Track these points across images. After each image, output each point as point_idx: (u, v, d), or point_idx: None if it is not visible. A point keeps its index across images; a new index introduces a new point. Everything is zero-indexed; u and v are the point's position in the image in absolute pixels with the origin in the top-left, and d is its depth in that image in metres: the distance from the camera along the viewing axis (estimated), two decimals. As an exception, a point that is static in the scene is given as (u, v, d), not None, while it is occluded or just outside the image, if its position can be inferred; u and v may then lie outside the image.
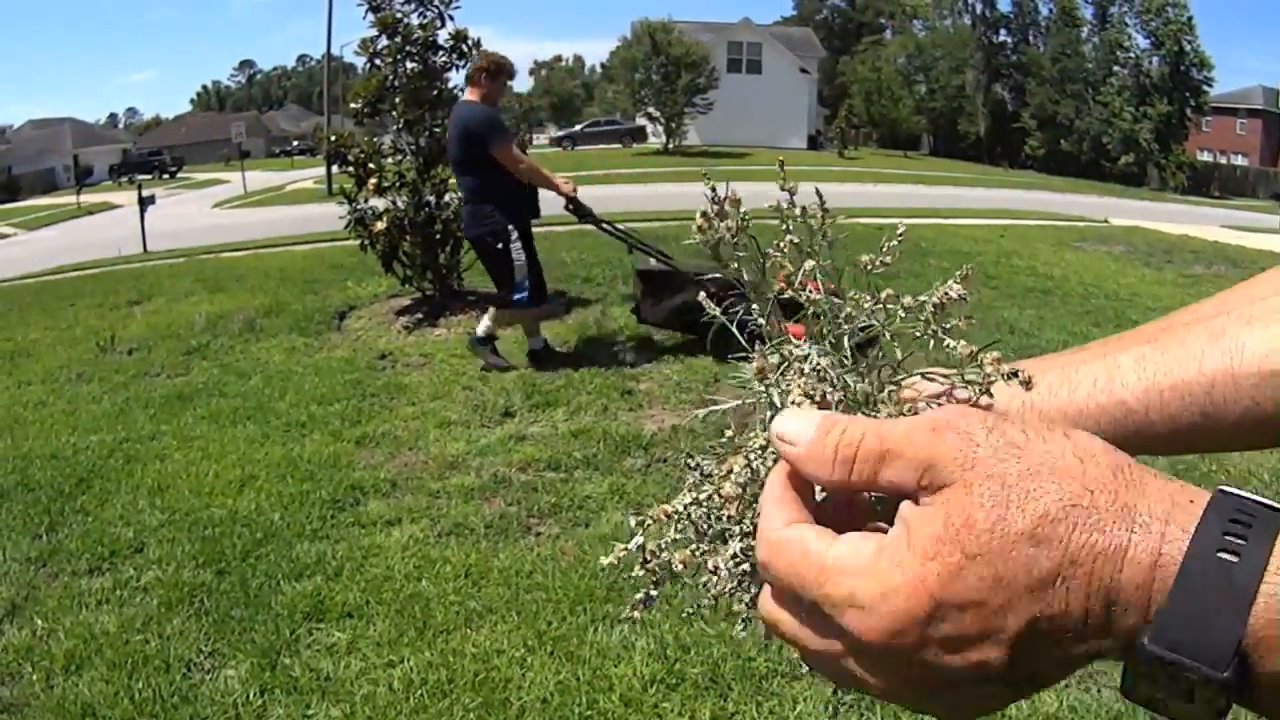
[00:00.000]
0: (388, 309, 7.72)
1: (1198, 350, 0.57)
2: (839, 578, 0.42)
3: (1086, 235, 14.64)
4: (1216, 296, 0.63)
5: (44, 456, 4.75)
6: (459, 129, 5.67)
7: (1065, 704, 2.55)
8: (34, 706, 2.66)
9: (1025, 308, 7.93)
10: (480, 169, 5.56)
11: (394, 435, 4.84)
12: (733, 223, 0.62)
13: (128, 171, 49.82)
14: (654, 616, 3.01)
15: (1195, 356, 0.57)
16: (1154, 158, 50.12)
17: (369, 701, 2.63)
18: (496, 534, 3.69)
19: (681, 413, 5.00)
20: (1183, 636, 0.36)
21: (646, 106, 42.00)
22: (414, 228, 7.22)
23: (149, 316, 8.54)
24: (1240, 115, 56.41)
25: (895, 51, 61.07)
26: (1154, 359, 0.59)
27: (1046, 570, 0.38)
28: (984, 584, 0.39)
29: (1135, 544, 0.37)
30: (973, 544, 0.39)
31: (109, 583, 3.39)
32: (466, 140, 5.58)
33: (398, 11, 7.24)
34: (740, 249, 0.62)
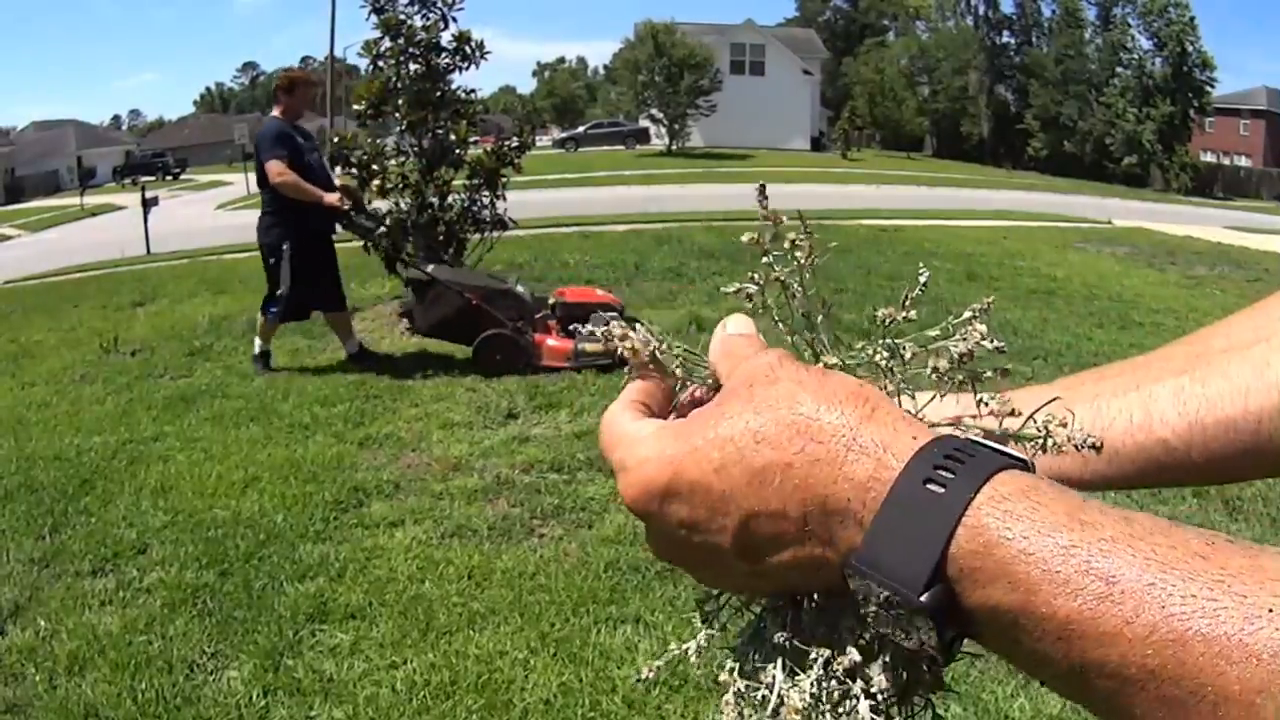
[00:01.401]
0: (391, 310, 7.73)
1: (1243, 385, 0.55)
2: (623, 445, 0.46)
3: (1090, 236, 14.63)
4: (1245, 314, 0.61)
5: (47, 457, 4.75)
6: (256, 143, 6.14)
7: (1069, 705, 2.55)
8: (37, 707, 2.66)
9: (1028, 309, 7.92)
10: (266, 183, 5.94)
11: (397, 437, 4.84)
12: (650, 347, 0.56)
13: (131, 173, 49.83)
14: (656, 618, 3.01)
15: (1241, 391, 0.55)
16: (1157, 159, 50.06)
17: (372, 703, 2.63)
18: (499, 535, 3.69)
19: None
20: (883, 557, 0.37)
21: (650, 108, 42.04)
22: (417, 229, 7.22)
23: (152, 318, 8.55)
24: (1243, 116, 56.28)
25: (898, 53, 61.08)
26: (1195, 394, 0.56)
27: (760, 466, 0.40)
28: (710, 468, 0.42)
29: (851, 461, 0.39)
30: (713, 434, 0.42)
31: (112, 584, 3.39)
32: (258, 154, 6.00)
33: (401, 13, 7.25)
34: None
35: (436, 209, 7.29)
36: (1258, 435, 0.54)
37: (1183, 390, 0.57)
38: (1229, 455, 0.55)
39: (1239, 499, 3.83)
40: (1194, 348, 0.60)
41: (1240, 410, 0.54)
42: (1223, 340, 0.59)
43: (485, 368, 5.84)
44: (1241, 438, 0.54)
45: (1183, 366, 0.58)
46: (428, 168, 7.30)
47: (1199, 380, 0.57)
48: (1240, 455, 0.55)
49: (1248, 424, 0.54)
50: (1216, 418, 0.55)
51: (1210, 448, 0.55)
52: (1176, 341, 0.63)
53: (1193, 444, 0.56)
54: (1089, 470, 0.58)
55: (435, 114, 7.33)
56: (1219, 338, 0.60)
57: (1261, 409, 0.54)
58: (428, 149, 7.33)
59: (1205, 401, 0.56)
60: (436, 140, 7.33)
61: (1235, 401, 0.55)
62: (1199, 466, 0.56)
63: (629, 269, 9.50)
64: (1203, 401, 0.56)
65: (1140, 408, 0.58)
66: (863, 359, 0.52)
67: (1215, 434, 0.55)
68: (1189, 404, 0.56)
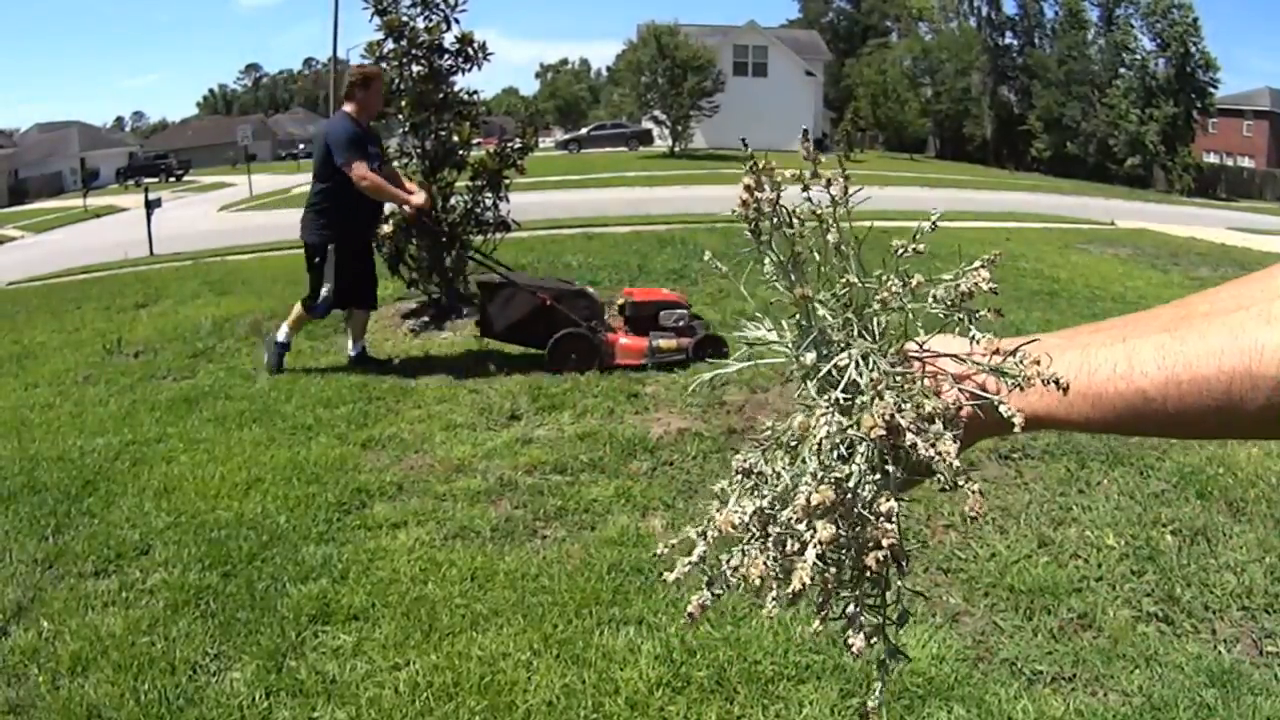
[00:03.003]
0: (394, 312, 7.73)
1: (1217, 346, 0.59)
2: None
3: (1092, 238, 14.62)
4: (1232, 284, 0.66)
5: (50, 459, 4.75)
6: (322, 137, 6.00)
7: (1072, 707, 2.55)
8: (40, 708, 2.66)
9: (1031, 310, 7.91)
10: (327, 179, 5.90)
11: (400, 438, 4.84)
12: (771, 194, 0.66)
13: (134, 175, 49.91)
14: (659, 619, 3.01)
15: (1215, 352, 0.59)
16: (1160, 160, 50.02)
17: (375, 704, 2.63)
18: (502, 537, 3.69)
19: (688, 416, 4.99)
20: None
21: (652, 109, 42.02)
22: (420, 231, 7.22)
23: (155, 319, 8.56)
24: (1247, 117, 56.21)
25: (901, 54, 61.02)
26: (1174, 350, 0.61)
27: None
28: None
29: None
30: None
31: (115, 585, 3.39)
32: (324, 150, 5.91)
33: (404, 15, 7.25)
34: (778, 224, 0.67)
35: (439, 210, 7.29)
36: (1229, 395, 0.58)
37: (1164, 346, 0.62)
38: (1201, 411, 0.60)
39: (1242, 500, 3.82)
40: (1179, 310, 0.65)
41: (1214, 370, 0.58)
42: (1206, 306, 0.64)
43: (560, 367, 5.87)
44: (1214, 396, 0.59)
45: (1166, 325, 0.63)
46: (431, 169, 7.30)
47: (1179, 338, 0.61)
48: (1212, 413, 0.59)
49: (1220, 383, 0.58)
50: (1192, 375, 0.59)
51: (1185, 402, 0.60)
52: (1167, 304, 0.68)
53: (1168, 397, 0.61)
54: (1075, 412, 0.65)
55: (438, 115, 7.34)
56: (1204, 303, 0.65)
57: (1234, 370, 0.58)
58: (430, 150, 7.33)
59: (1183, 358, 0.60)
60: (439, 142, 7.33)
61: (1210, 361, 0.59)
62: (1173, 419, 0.61)
63: (632, 270, 9.50)
64: (1180, 358, 0.60)
65: (1124, 358, 0.63)
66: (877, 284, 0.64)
67: (1189, 390, 0.60)
68: (1168, 359, 0.61)
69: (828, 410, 0.62)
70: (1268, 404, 0.57)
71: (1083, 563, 3.36)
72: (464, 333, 6.95)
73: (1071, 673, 2.71)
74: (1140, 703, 2.56)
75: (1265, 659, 2.79)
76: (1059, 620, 2.99)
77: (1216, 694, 2.58)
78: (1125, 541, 3.49)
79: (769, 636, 2.88)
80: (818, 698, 2.58)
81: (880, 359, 0.64)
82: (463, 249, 6.77)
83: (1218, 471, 4.09)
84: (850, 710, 2.54)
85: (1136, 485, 4.02)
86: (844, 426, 0.61)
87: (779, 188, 0.66)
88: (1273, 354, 0.56)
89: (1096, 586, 3.20)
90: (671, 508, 3.90)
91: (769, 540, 0.64)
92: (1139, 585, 3.21)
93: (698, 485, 4.13)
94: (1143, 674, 2.69)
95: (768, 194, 0.66)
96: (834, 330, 0.66)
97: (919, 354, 0.68)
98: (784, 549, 0.63)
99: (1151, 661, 2.75)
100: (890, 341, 0.65)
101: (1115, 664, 2.74)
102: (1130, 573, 3.29)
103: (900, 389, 0.63)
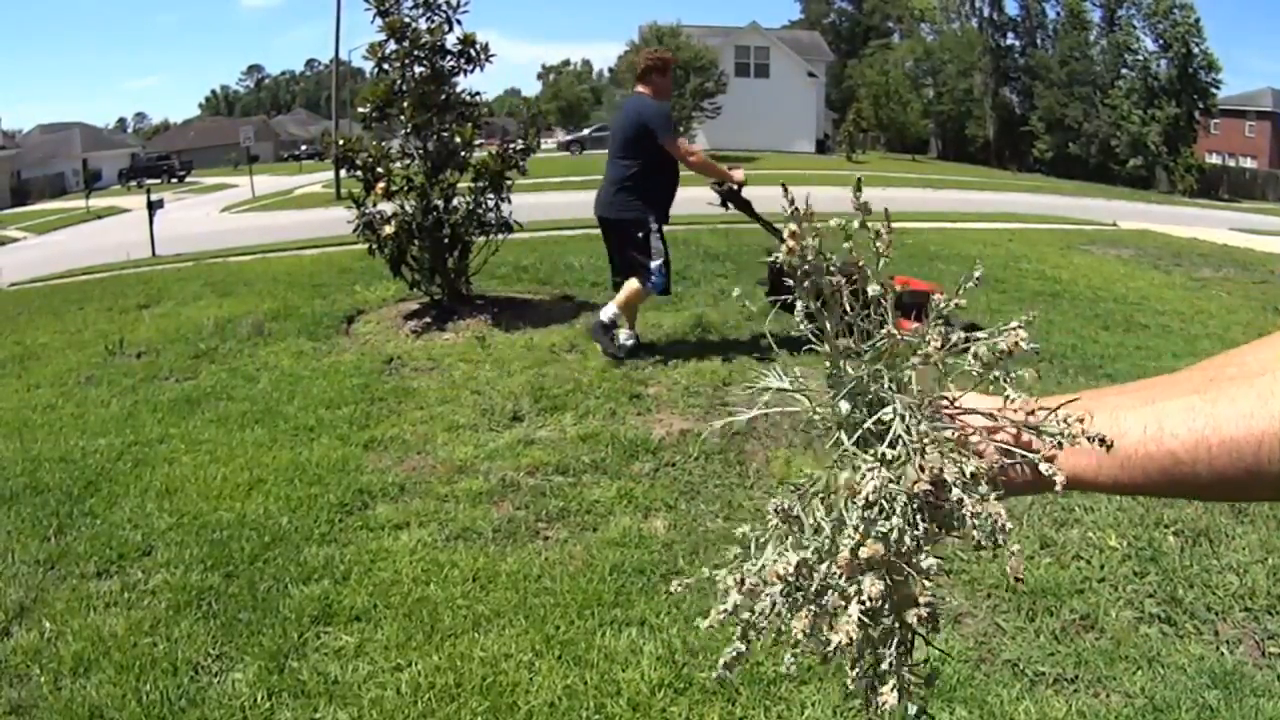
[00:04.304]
0: (396, 313, 7.73)
1: (1247, 410, 0.59)
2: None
3: (1095, 238, 14.60)
4: (1256, 345, 0.67)
5: (53, 459, 4.76)
6: (632, 118, 6.06)
7: (1074, 708, 2.54)
8: (42, 708, 2.67)
9: (1034, 311, 7.89)
10: (639, 158, 5.97)
11: (402, 439, 4.84)
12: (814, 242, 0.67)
13: (136, 176, 50.02)
14: (661, 621, 3.01)
15: (1245, 415, 0.59)
16: (1162, 160, 49.99)
17: (376, 705, 2.63)
18: (504, 538, 3.69)
19: (690, 417, 4.99)
20: None
21: (654, 110, 42.00)
22: (422, 232, 7.22)
23: (157, 320, 8.56)
24: (1249, 118, 56.16)
25: (903, 55, 61.03)
26: (1204, 412, 0.61)
27: None
28: None
29: None
30: None
31: (117, 585, 3.40)
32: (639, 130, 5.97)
33: (406, 16, 7.25)
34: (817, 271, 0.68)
35: (441, 212, 7.29)
36: (1258, 457, 0.59)
37: (1193, 409, 0.62)
38: (1232, 474, 0.60)
39: (1245, 502, 3.82)
40: (1207, 373, 0.65)
41: (1244, 432, 0.59)
42: (1234, 369, 0.64)
43: None
44: (1244, 458, 0.59)
45: (1195, 388, 0.63)
46: (433, 170, 7.31)
47: (1209, 400, 0.62)
48: (1243, 475, 0.60)
49: (1250, 445, 0.59)
50: (1221, 437, 0.60)
51: (1215, 465, 0.60)
52: (1192, 367, 0.68)
53: (1199, 459, 0.61)
54: (1104, 474, 0.65)
55: (440, 116, 7.34)
56: (1231, 366, 0.65)
57: (1264, 433, 0.58)
58: (433, 151, 7.33)
59: (1212, 420, 0.61)
60: (441, 143, 7.33)
61: (1239, 424, 0.59)
62: (1204, 481, 0.62)
63: (633, 271, 9.48)
64: (1210, 420, 0.61)
65: (1154, 420, 0.63)
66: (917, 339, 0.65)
67: (1219, 452, 0.60)
68: (1197, 421, 0.61)
69: (875, 465, 0.63)
70: None
71: (1085, 564, 3.36)
72: (466, 334, 6.94)
73: (1074, 674, 2.71)
74: (1142, 704, 2.55)
75: (1268, 660, 2.79)
76: (1061, 621, 2.99)
77: (1219, 695, 2.57)
78: (1127, 543, 3.49)
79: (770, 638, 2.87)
80: (820, 699, 2.58)
81: (922, 415, 0.65)
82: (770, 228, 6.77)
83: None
84: (852, 712, 2.54)
85: (1139, 486, 4.01)
86: (888, 480, 0.62)
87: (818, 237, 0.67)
88: None
89: (1099, 588, 3.20)
90: (674, 509, 3.90)
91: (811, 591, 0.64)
92: (1141, 586, 3.20)
93: (699, 486, 4.13)
94: (1145, 675, 2.69)
95: (810, 242, 0.66)
96: (869, 381, 0.67)
97: (951, 410, 0.68)
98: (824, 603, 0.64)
99: (1154, 663, 2.75)
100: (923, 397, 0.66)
101: (1117, 665, 2.74)
102: (1132, 574, 3.28)
103: (941, 445, 0.64)
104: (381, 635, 3.00)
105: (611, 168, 6.15)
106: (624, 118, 6.21)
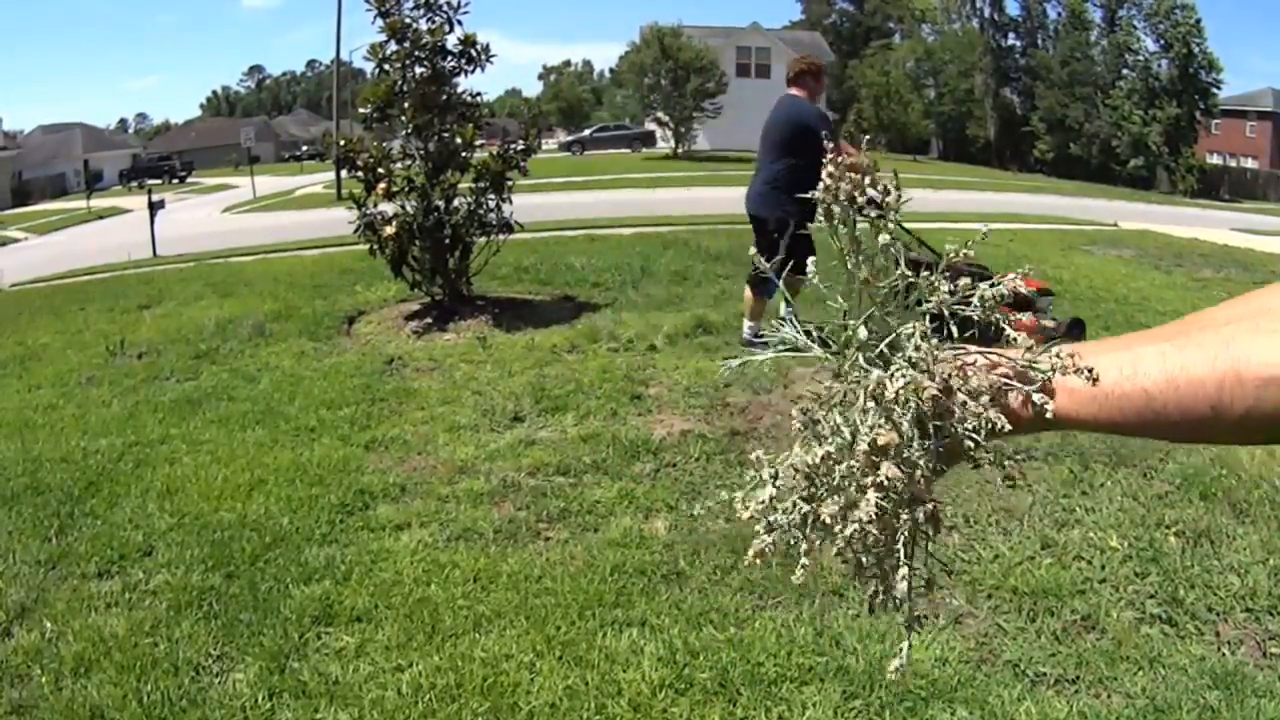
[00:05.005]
0: (397, 314, 7.74)
1: (1212, 353, 0.67)
2: None
3: (1096, 239, 14.59)
4: (1226, 304, 0.73)
5: (54, 460, 4.76)
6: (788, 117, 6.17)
7: (1075, 709, 2.54)
8: (43, 708, 2.67)
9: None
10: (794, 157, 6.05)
11: (403, 440, 4.84)
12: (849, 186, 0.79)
13: (137, 176, 50.03)
14: (662, 621, 3.01)
15: (1210, 359, 0.67)
16: (1163, 161, 49.97)
17: (377, 706, 2.63)
18: (505, 538, 3.69)
19: (691, 418, 4.99)
20: None
21: (655, 111, 42.00)
22: (423, 232, 7.23)
23: (158, 321, 8.57)
24: (1250, 118, 56.10)
25: (904, 55, 60.99)
26: (1174, 356, 0.69)
27: None
28: None
29: None
30: None
31: (118, 586, 3.40)
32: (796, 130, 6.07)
33: (406, 17, 7.26)
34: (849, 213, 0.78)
35: (442, 212, 7.29)
36: (1220, 396, 0.65)
37: (1165, 354, 0.69)
38: (1198, 412, 0.67)
39: (1246, 501, 3.81)
40: (1179, 327, 0.73)
41: (1209, 372, 0.66)
42: (1205, 322, 0.71)
43: None
44: (1207, 396, 0.66)
45: (1167, 337, 0.71)
46: (433, 171, 7.31)
47: (1179, 347, 0.69)
48: (1208, 413, 0.67)
49: (1213, 384, 0.66)
50: (1189, 377, 0.67)
51: (1183, 404, 0.68)
52: (1164, 325, 0.75)
53: (1169, 398, 0.68)
54: (1084, 411, 0.73)
55: (441, 117, 7.35)
56: (1203, 321, 0.72)
57: (1225, 373, 0.65)
58: (433, 152, 7.34)
59: (1181, 363, 0.68)
60: (442, 143, 7.33)
61: (1205, 366, 0.67)
62: (1173, 419, 0.69)
63: (635, 272, 9.50)
64: (1179, 363, 0.68)
65: (1129, 363, 0.71)
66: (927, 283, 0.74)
67: (1187, 392, 0.67)
68: (1168, 364, 0.69)
69: (903, 366, 0.71)
70: (1255, 404, 0.64)
71: (1086, 564, 3.36)
72: (467, 334, 6.95)
73: (1075, 675, 2.71)
74: (1143, 705, 2.55)
75: (1269, 661, 2.78)
76: (1062, 622, 2.98)
77: (1220, 696, 2.57)
78: (1129, 543, 3.49)
79: (771, 638, 2.88)
80: (820, 699, 2.58)
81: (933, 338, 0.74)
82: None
83: (1221, 473, 4.08)
84: (853, 712, 2.54)
85: (1140, 487, 4.01)
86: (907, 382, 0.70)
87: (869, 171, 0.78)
88: (1258, 359, 0.64)
89: (1100, 588, 3.20)
90: (674, 509, 3.90)
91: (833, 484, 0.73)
92: (1142, 587, 3.20)
93: (700, 487, 4.13)
94: (1146, 676, 2.69)
95: (845, 185, 0.77)
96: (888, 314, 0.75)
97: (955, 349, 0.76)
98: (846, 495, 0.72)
99: (1155, 663, 2.75)
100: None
101: (1118, 666, 2.74)
102: (1134, 574, 3.28)
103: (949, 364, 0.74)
104: (382, 636, 3.00)
105: (764, 167, 6.31)
106: (779, 118, 6.29)
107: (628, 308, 7.74)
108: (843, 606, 3.11)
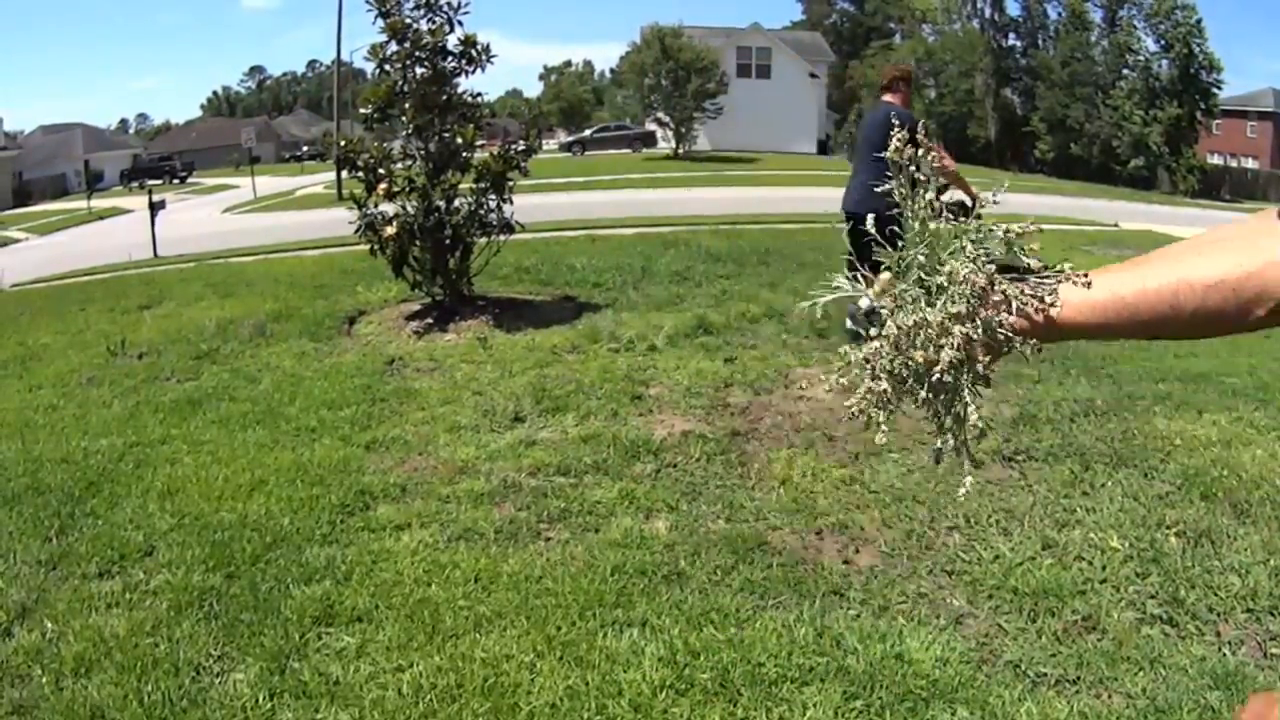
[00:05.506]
0: (398, 314, 7.74)
1: (1168, 270, 0.93)
2: None
3: (1097, 239, 14.60)
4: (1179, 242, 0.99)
5: (54, 460, 4.76)
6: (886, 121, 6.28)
7: (1076, 710, 2.54)
8: (43, 709, 2.67)
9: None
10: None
11: (404, 440, 4.84)
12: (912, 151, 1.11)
13: (138, 177, 50.02)
14: (663, 621, 3.01)
15: (1167, 273, 0.93)
16: (1164, 161, 49.90)
17: (378, 706, 2.63)
18: (506, 539, 3.69)
19: (691, 418, 4.99)
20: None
21: (656, 111, 41.99)
22: (424, 232, 7.23)
23: (159, 321, 8.57)
24: (1251, 118, 56.04)
25: (904, 56, 60.89)
26: (1141, 273, 0.95)
27: None
28: None
29: None
30: None
31: (119, 586, 3.40)
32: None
33: (407, 17, 7.26)
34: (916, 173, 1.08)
35: (443, 212, 7.30)
36: (1176, 297, 0.91)
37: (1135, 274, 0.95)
38: (1161, 311, 0.92)
39: (1247, 502, 3.81)
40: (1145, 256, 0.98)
41: (1168, 280, 0.92)
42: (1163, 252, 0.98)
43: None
44: (1166, 299, 0.92)
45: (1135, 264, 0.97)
46: (434, 171, 7.31)
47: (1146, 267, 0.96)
48: (1169, 311, 0.92)
49: (1170, 289, 0.92)
50: (1156, 285, 0.93)
51: (1148, 303, 0.93)
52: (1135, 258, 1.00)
53: (1139, 303, 0.93)
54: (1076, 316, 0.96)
55: (441, 117, 7.35)
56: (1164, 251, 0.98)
57: (1179, 281, 0.91)
58: (434, 152, 7.34)
59: (1145, 278, 0.94)
60: (443, 144, 7.34)
61: (1163, 278, 0.92)
62: (1145, 319, 0.94)
63: (636, 272, 9.50)
64: (1145, 277, 0.94)
65: (1109, 282, 0.96)
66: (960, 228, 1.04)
67: (1150, 296, 0.93)
68: (1138, 279, 0.94)
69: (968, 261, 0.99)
70: (1200, 304, 0.90)
71: (1087, 565, 3.36)
72: (467, 335, 6.95)
73: (1075, 675, 2.71)
74: (1144, 705, 2.55)
75: (1270, 661, 2.78)
76: (1063, 622, 2.98)
77: (1221, 696, 2.57)
78: (1129, 544, 3.49)
79: (772, 639, 2.88)
80: (821, 700, 2.58)
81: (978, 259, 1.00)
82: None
83: (1222, 473, 4.08)
84: (854, 712, 2.54)
85: (1140, 487, 4.01)
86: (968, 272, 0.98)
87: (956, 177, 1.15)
88: (1201, 272, 0.90)
89: (1100, 589, 3.20)
90: (675, 509, 3.90)
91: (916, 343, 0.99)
92: (1143, 587, 3.20)
93: (701, 487, 4.13)
94: (1147, 676, 2.69)
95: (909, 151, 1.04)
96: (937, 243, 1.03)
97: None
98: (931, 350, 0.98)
99: (1156, 664, 2.74)
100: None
101: (1119, 666, 2.74)
102: (1134, 575, 3.28)
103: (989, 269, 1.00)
104: (383, 636, 3.00)
105: (864, 169, 6.47)
106: (877, 122, 6.56)
107: (628, 308, 7.75)
108: (843, 607, 3.11)
